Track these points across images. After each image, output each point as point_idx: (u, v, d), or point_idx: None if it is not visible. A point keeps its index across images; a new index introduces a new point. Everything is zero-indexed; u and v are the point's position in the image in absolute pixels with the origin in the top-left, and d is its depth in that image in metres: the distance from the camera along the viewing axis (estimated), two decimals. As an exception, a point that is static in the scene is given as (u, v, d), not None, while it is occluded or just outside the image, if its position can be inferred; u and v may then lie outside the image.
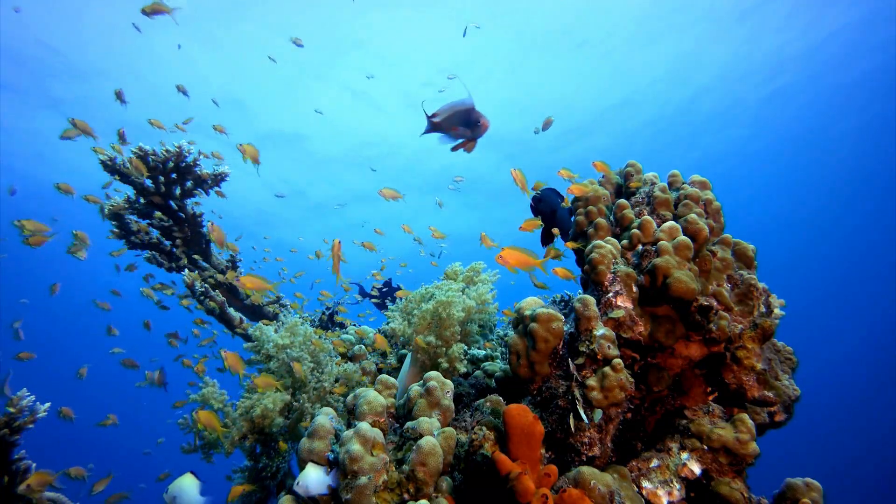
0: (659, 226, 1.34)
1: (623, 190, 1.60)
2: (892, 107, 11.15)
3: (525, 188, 1.71)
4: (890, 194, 14.76)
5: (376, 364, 1.97)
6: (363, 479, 1.00)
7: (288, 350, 1.81)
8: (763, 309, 1.30)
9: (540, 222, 1.69)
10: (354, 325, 2.59)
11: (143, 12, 2.41)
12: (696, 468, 1.09)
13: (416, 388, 1.28)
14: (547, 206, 1.74)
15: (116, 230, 2.81)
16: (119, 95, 3.17)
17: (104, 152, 2.60)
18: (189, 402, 2.02)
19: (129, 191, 2.78)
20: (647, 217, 1.36)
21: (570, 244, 1.48)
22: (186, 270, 2.82)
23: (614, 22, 8.88)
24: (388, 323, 1.78)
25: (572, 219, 1.54)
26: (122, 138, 2.74)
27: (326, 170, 11.91)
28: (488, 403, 1.33)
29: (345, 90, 9.96)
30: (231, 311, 3.00)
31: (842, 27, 8.88)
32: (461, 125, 1.32)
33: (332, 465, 1.09)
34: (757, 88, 10.62)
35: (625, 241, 1.37)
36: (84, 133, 2.54)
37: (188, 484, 1.29)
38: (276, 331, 1.95)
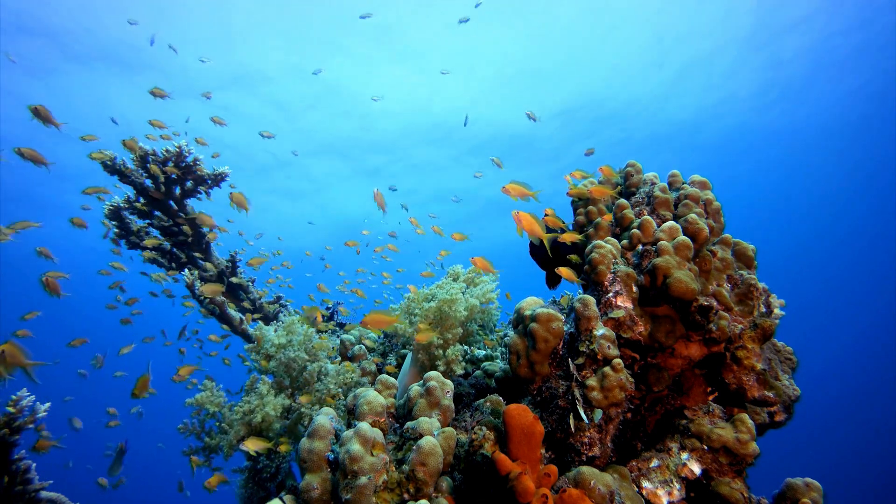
0: (659, 226, 1.34)
1: (623, 190, 1.60)
2: (892, 106, 11.16)
3: (524, 197, 1.67)
4: (890, 194, 14.77)
5: (376, 364, 1.97)
6: (363, 479, 1.00)
7: (286, 350, 1.81)
8: (763, 309, 1.30)
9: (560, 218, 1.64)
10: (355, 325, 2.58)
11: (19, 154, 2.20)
12: (696, 468, 1.09)
13: (416, 388, 1.28)
14: (543, 249, 1.68)
15: (116, 230, 2.81)
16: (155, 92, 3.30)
17: (103, 153, 2.60)
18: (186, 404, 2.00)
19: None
20: (647, 217, 1.36)
21: (568, 236, 1.47)
22: (186, 270, 2.82)
23: (619, 24, 8.90)
24: None
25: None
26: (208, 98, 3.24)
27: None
28: (488, 403, 1.33)
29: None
30: (231, 311, 3.00)
31: (844, 27, 8.90)
32: None
33: (332, 465, 1.09)
34: (758, 88, 10.63)
35: (625, 241, 1.37)
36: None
37: None
38: (275, 331, 1.94)
